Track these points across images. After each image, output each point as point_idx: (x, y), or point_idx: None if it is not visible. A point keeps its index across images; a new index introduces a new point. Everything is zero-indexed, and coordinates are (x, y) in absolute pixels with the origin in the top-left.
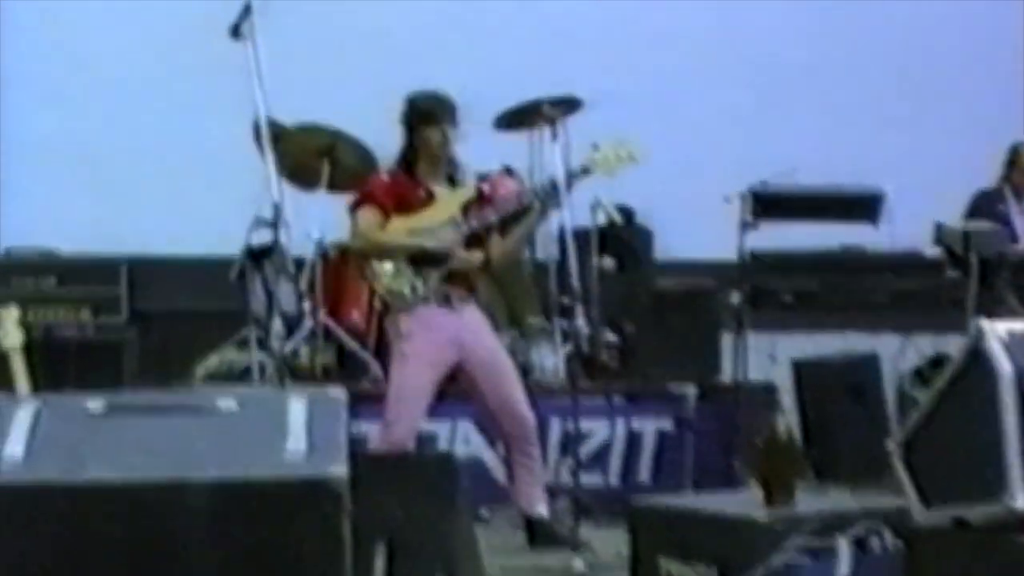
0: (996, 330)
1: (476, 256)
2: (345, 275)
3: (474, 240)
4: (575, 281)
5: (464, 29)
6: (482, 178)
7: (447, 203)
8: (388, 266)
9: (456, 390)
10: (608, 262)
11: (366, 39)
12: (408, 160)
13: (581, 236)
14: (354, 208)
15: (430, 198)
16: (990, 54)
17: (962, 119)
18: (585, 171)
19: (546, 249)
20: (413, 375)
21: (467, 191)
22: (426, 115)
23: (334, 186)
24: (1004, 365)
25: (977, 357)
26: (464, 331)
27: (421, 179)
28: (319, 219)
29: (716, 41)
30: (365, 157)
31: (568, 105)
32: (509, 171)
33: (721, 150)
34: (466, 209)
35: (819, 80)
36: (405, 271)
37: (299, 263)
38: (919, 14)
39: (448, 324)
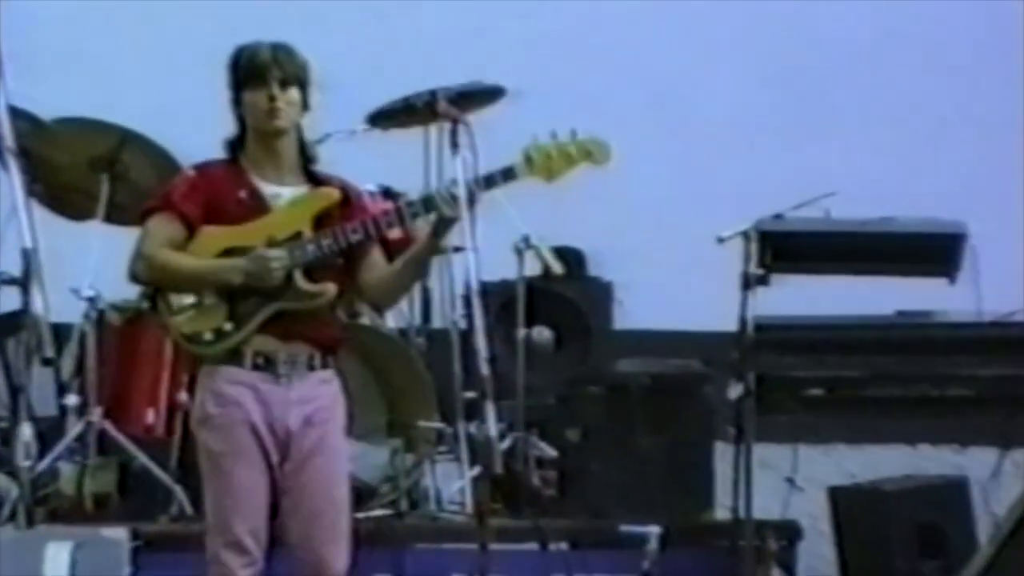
0: None
1: (326, 289)
2: (135, 352)
3: (328, 270)
4: (488, 363)
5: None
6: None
7: (290, 211)
8: (187, 300)
9: None
10: (542, 333)
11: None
12: (233, 146)
13: (500, 292)
14: (143, 217)
15: (261, 203)
16: None
17: None
18: (508, 175)
19: (445, 311)
20: (229, 473)
21: (324, 195)
22: (250, 71)
23: (118, 215)
24: None
25: None
26: (291, 413)
27: (248, 175)
28: (94, 268)
29: (719, 27)
30: (167, 168)
31: (479, 97)
32: (388, 194)
33: (716, 169)
34: (322, 221)
35: (864, 76)
36: (208, 309)
37: (62, 336)
38: None
39: (268, 400)
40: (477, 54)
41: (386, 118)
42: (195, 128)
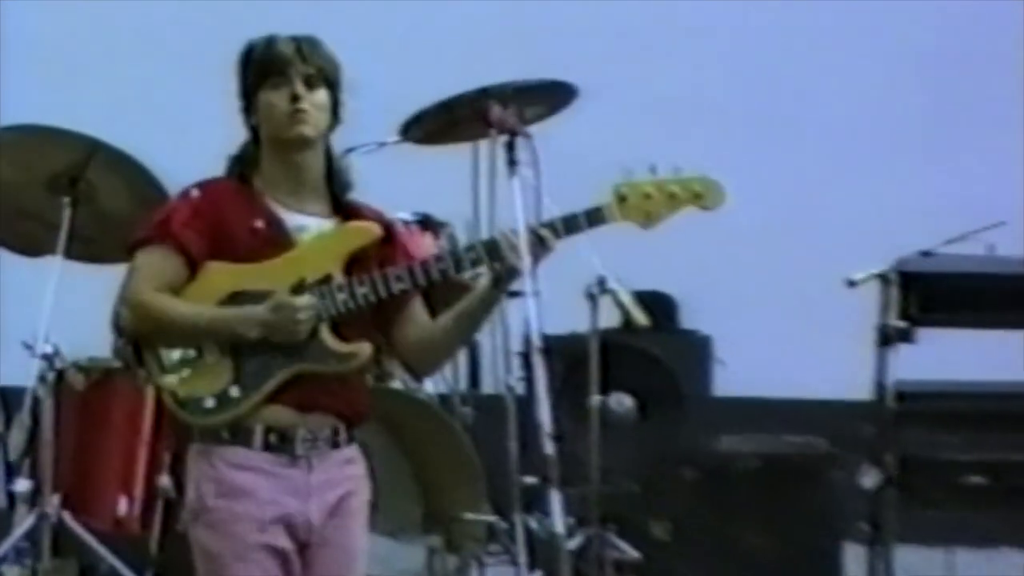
0: None
1: (359, 350)
2: (104, 423)
3: (358, 323)
4: (553, 440)
5: None
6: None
7: (319, 248)
8: (175, 355)
9: None
10: (622, 402)
11: None
12: (243, 163)
13: (568, 349)
14: (133, 250)
15: (282, 235)
16: None
17: None
18: (595, 218)
19: (497, 373)
20: (233, 569)
21: (363, 231)
22: (268, 65)
23: (83, 248)
24: None
25: None
26: (311, 504)
27: (264, 199)
28: (53, 316)
29: (839, 16)
30: (146, 190)
31: (543, 99)
32: (427, 224)
33: (840, 194)
34: (355, 263)
35: None
36: (209, 368)
37: (11, 403)
38: None
39: (283, 488)
40: (532, 51)
41: (422, 128)
42: (183, 139)
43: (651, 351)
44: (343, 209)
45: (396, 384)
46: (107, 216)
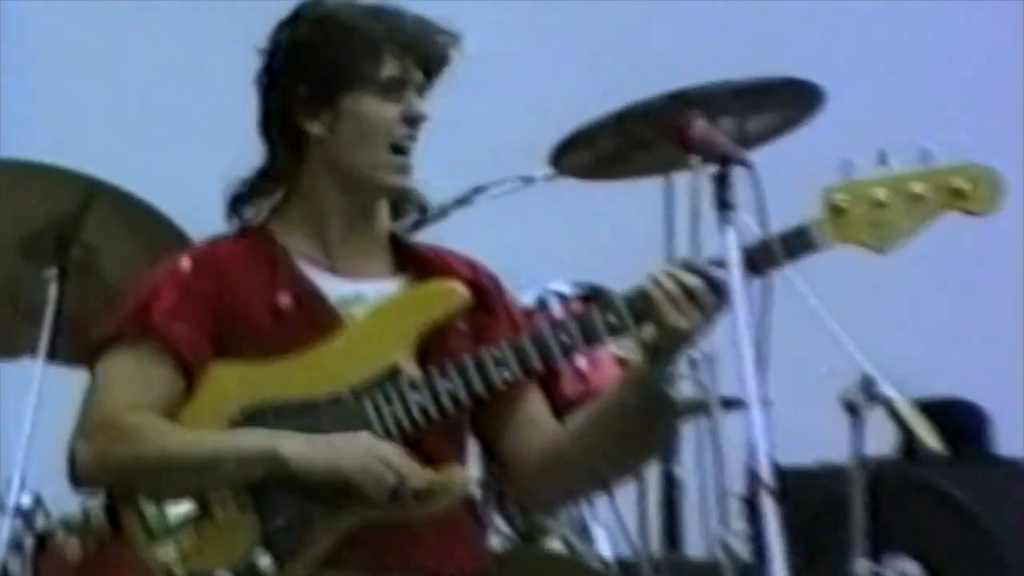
0: None
1: (451, 479)
2: None
3: (446, 434)
4: None
5: None
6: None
7: (375, 327)
8: (180, 513)
9: None
10: (906, 571)
11: None
12: (261, 204)
13: (818, 490)
14: (96, 355)
15: (322, 312)
16: None
17: None
18: (795, 243)
19: (708, 530)
20: None
21: (444, 295)
22: (370, 53)
23: (71, 345)
24: None
25: None
26: None
27: (291, 262)
28: (30, 449)
29: None
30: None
31: (772, 104)
32: (593, 300)
33: None
34: (434, 345)
35: None
36: (222, 527)
37: None
38: None
39: None
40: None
41: (585, 155)
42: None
43: (948, 490)
44: (412, 260)
45: (553, 542)
46: (111, 293)
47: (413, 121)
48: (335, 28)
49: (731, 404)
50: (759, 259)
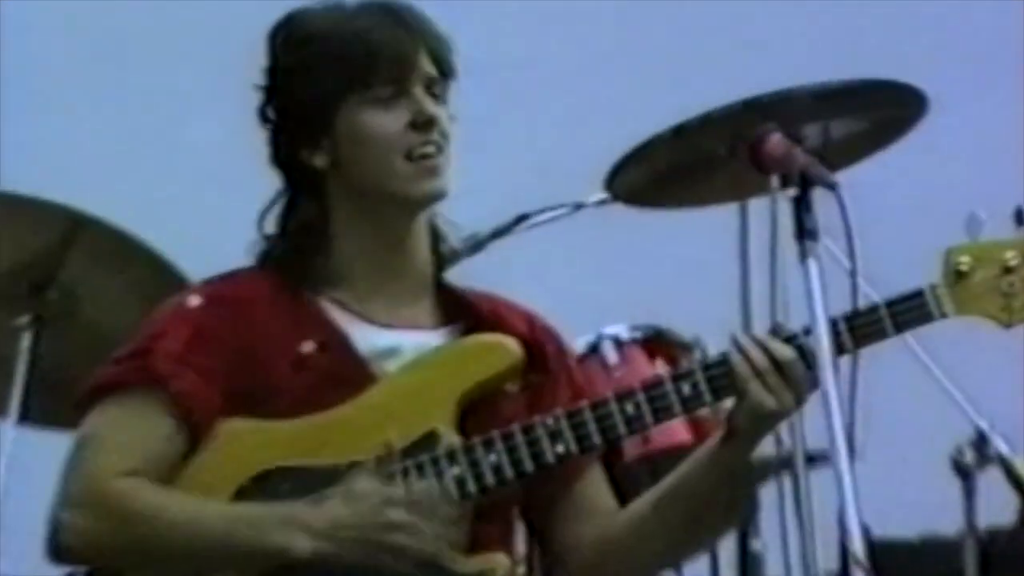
0: None
1: (492, 566)
2: None
3: (492, 515)
4: None
5: None
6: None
7: (413, 385)
8: None
9: None
10: None
11: None
12: (288, 238)
13: (924, 563)
14: (86, 406)
15: (351, 365)
16: None
17: None
18: (908, 315)
19: None
20: None
21: (494, 350)
22: (368, 62)
23: (47, 406)
24: None
25: None
26: None
27: (318, 305)
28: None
29: None
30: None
31: (863, 114)
32: (658, 343)
33: None
34: (479, 409)
35: None
36: None
37: None
38: None
39: None
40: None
41: (643, 177)
42: (227, 211)
43: None
44: (461, 311)
45: None
46: (97, 344)
47: (424, 125)
48: (302, 44)
49: (814, 459)
50: (860, 332)
